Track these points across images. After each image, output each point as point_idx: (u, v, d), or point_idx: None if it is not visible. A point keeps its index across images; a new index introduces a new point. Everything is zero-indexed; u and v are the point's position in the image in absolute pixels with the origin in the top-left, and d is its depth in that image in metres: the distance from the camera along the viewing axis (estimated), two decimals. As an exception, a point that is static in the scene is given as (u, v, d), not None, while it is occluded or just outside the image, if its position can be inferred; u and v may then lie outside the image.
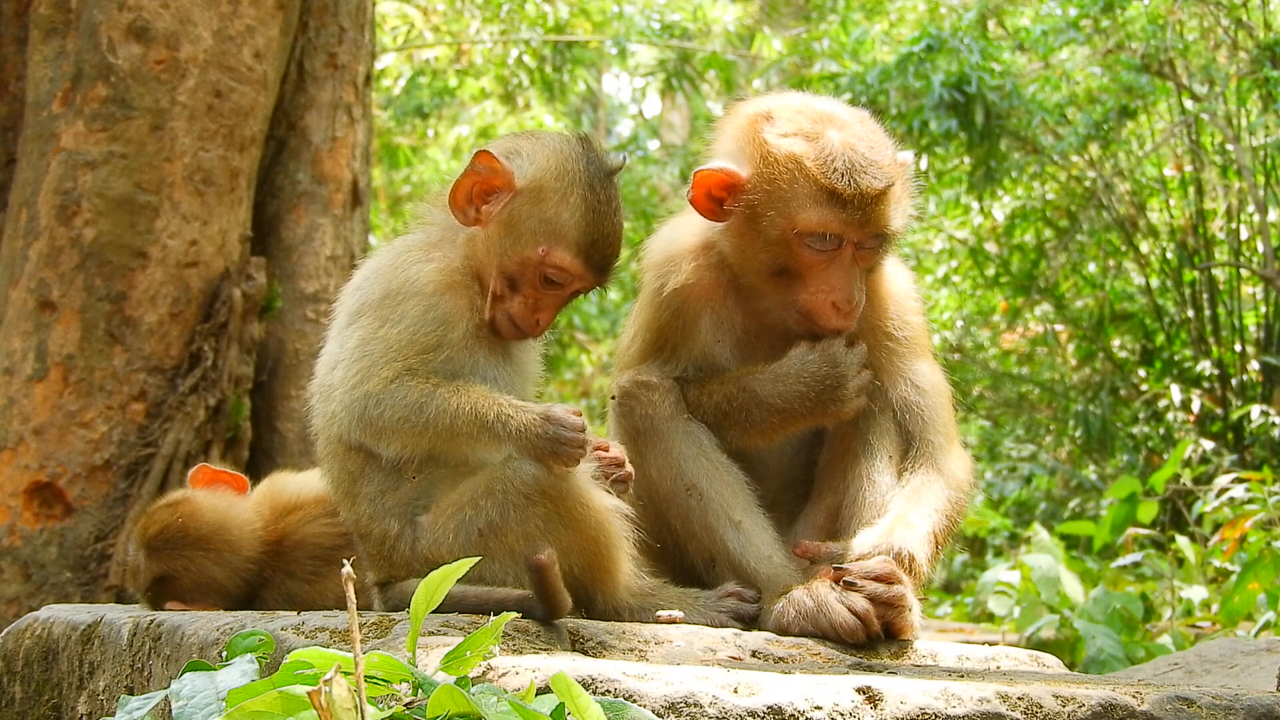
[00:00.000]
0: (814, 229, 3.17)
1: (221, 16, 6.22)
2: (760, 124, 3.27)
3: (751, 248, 3.25)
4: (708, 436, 3.30)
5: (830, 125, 3.23)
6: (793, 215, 3.17)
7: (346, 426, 2.98)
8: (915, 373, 3.39)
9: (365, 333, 3.01)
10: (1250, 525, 7.03)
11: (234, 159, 6.26)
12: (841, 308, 3.23)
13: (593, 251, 3.08)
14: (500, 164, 3.08)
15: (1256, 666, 3.90)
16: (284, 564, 3.51)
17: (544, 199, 3.07)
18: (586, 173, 3.09)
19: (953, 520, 3.28)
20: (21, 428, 5.87)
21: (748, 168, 3.24)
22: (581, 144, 3.15)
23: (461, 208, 3.11)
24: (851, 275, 3.22)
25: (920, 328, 3.47)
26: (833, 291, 3.22)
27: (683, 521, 3.27)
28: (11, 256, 6.11)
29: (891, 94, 11.33)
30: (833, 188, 3.15)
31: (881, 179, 3.19)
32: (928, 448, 3.34)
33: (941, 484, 3.29)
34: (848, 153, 3.17)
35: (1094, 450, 12.52)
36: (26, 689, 3.34)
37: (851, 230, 3.19)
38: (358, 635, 1.92)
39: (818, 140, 3.20)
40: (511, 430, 2.85)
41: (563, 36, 15.65)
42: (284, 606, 3.46)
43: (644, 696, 2.19)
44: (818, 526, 3.36)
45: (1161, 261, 12.57)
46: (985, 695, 2.29)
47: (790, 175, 3.18)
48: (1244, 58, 11.28)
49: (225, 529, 3.50)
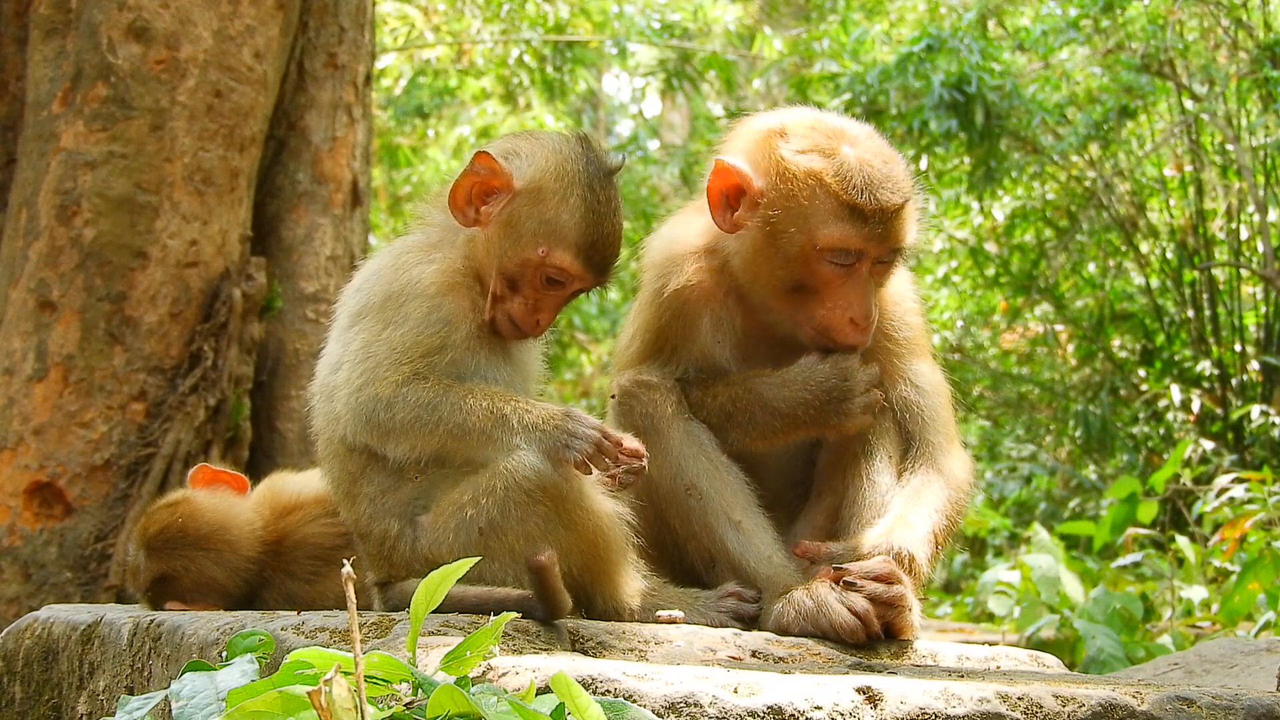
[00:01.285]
0: (836, 245, 3.18)
1: (221, 16, 6.22)
2: (774, 139, 3.27)
3: (769, 264, 3.25)
4: (708, 436, 3.30)
5: (844, 141, 3.25)
6: (813, 231, 3.18)
7: (352, 429, 2.97)
8: (915, 373, 3.40)
9: (369, 335, 3.01)
10: (1250, 525, 7.04)
11: (234, 159, 6.26)
12: (859, 323, 3.24)
13: (593, 252, 3.08)
14: (499, 165, 3.08)
15: (1256, 666, 3.90)
16: (284, 564, 3.51)
17: (543, 200, 3.07)
18: (586, 173, 3.09)
19: (952, 520, 3.29)
20: (21, 428, 5.87)
21: (762, 180, 3.23)
22: (581, 144, 3.15)
23: (461, 209, 3.11)
24: (868, 291, 3.24)
25: (919, 328, 3.47)
26: (850, 308, 3.22)
27: (682, 521, 3.27)
28: (11, 256, 6.11)
29: (891, 94, 11.33)
30: (854, 203, 3.16)
31: (900, 194, 3.21)
32: (927, 448, 3.34)
33: (941, 484, 3.30)
34: (865, 169, 3.19)
35: (1094, 450, 12.53)
36: (26, 689, 3.34)
37: (872, 245, 3.20)
38: (358, 635, 1.92)
39: (835, 157, 3.21)
40: (528, 423, 2.86)
41: (563, 36, 15.65)
42: (284, 606, 3.46)
43: (644, 696, 2.19)
44: (818, 526, 3.35)
45: (1161, 261, 12.57)
46: (985, 695, 2.29)
47: (810, 191, 3.18)
48: (1244, 58, 11.28)
49: (225, 529, 3.50)
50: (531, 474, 2.88)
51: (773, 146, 3.25)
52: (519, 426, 2.86)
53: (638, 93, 23.84)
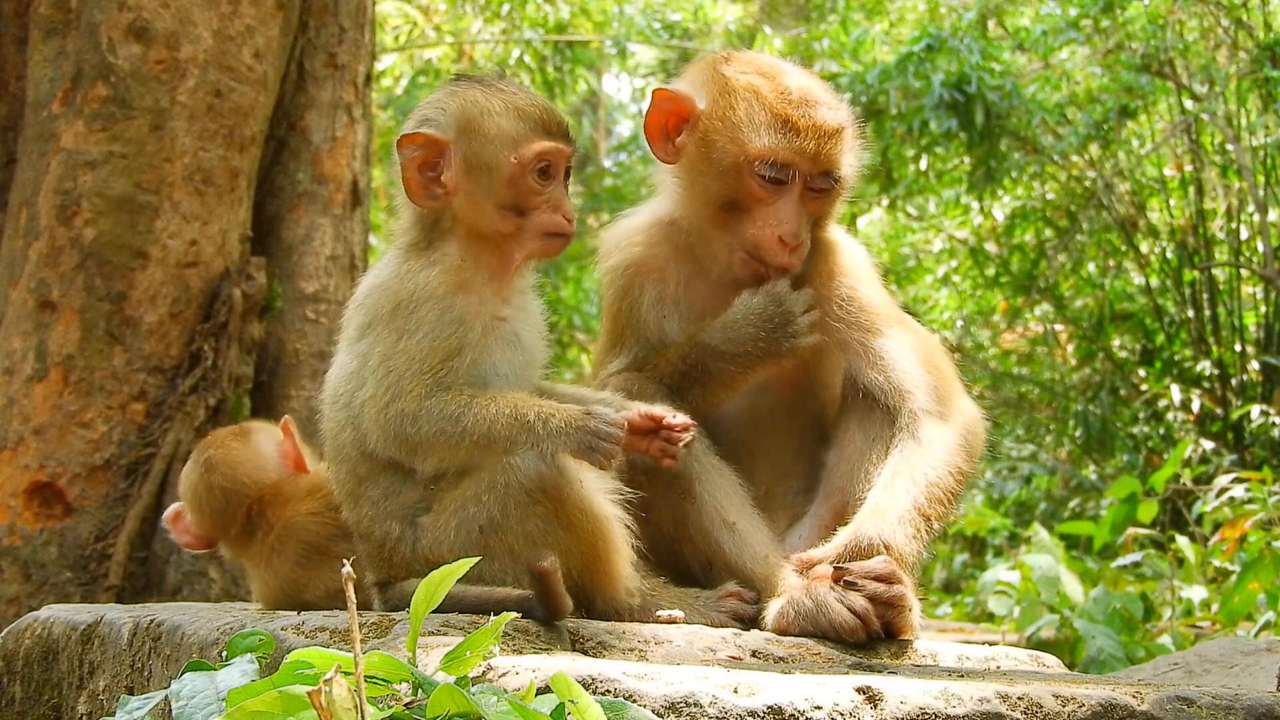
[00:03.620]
0: (765, 155, 3.20)
1: (221, 16, 6.22)
2: (719, 64, 3.35)
3: (702, 179, 3.28)
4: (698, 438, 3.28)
5: (787, 74, 3.33)
6: (746, 143, 3.21)
7: (381, 444, 2.97)
8: (879, 352, 3.33)
9: (386, 347, 2.99)
10: (1250, 525, 7.04)
11: (234, 159, 6.26)
12: (789, 241, 3.23)
13: (548, 123, 3.10)
14: (424, 135, 3.08)
15: (1256, 666, 3.90)
16: (278, 543, 3.51)
17: (482, 129, 3.07)
18: (488, 86, 3.13)
19: (940, 484, 3.20)
20: (21, 428, 5.87)
21: (704, 102, 3.30)
22: (464, 78, 3.20)
23: (420, 196, 3.11)
24: (799, 212, 3.24)
25: (878, 302, 3.40)
26: (780, 225, 3.22)
27: (677, 524, 3.24)
28: (11, 256, 6.11)
29: (891, 94, 11.34)
30: (788, 116, 3.20)
31: (835, 117, 3.26)
32: (908, 419, 3.29)
33: (921, 452, 3.23)
34: (804, 91, 3.26)
35: (1094, 450, 12.53)
36: (26, 689, 3.35)
37: (803, 161, 3.21)
38: (358, 635, 1.92)
39: (776, 78, 3.29)
40: (553, 428, 2.85)
41: (563, 36, 15.65)
42: (275, 584, 3.46)
43: (644, 696, 2.19)
44: (825, 525, 3.34)
45: (1161, 261, 12.58)
46: (985, 695, 2.29)
47: (747, 104, 3.24)
48: (1244, 58, 11.28)
49: (236, 464, 3.55)
50: (532, 473, 2.88)
51: (716, 69, 3.34)
52: (544, 433, 2.86)
53: (637, 93, 23.85)
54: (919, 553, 3.18)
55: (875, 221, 14.84)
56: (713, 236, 3.32)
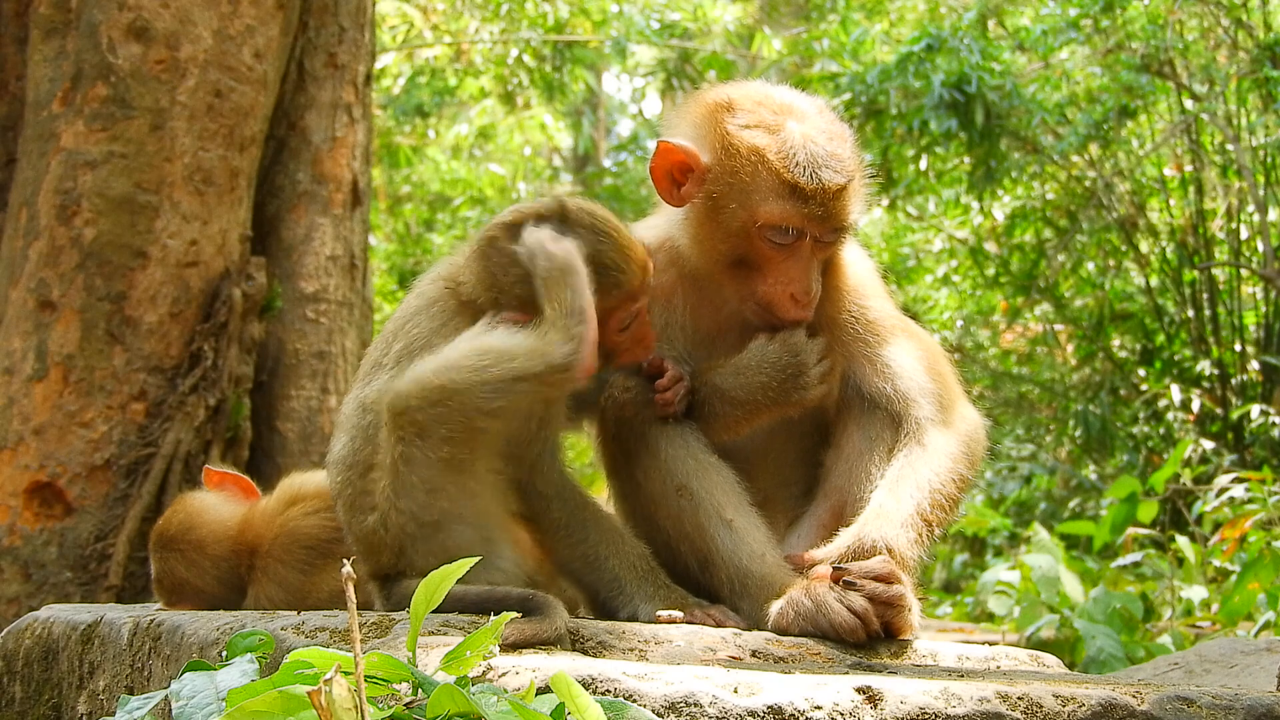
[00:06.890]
0: (775, 222, 3.18)
1: (221, 16, 6.22)
2: (721, 114, 3.26)
3: (711, 238, 3.26)
4: (695, 436, 3.27)
5: (790, 117, 3.24)
6: (754, 208, 3.18)
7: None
8: (886, 360, 3.34)
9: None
10: (1250, 525, 7.04)
11: (234, 159, 6.26)
12: (800, 299, 3.24)
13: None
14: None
15: (1256, 666, 3.90)
16: (277, 552, 3.51)
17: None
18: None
19: (943, 490, 3.22)
20: (21, 427, 5.87)
21: (708, 155, 3.24)
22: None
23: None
24: (810, 268, 3.24)
25: (883, 312, 3.42)
26: (791, 284, 3.22)
27: (674, 523, 3.24)
28: (11, 256, 6.11)
29: (891, 94, 11.33)
30: (795, 183, 3.16)
31: (843, 174, 3.20)
32: (913, 426, 3.30)
33: (925, 458, 3.25)
34: (809, 146, 3.18)
35: (1094, 450, 12.53)
36: (26, 689, 3.34)
37: (812, 225, 3.20)
38: (358, 635, 1.92)
39: (779, 133, 3.20)
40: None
41: (563, 36, 15.65)
42: (279, 593, 3.46)
43: (644, 696, 2.19)
44: (824, 526, 3.34)
45: (1161, 261, 12.57)
46: (985, 695, 2.29)
47: (753, 168, 3.18)
48: (1244, 58, 11.28)
49: (190, 530, 3.53)
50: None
51: (719, 121, 3.25)
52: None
53: (637, 93, 23.86)
54: (920, 557, 3.19)
55: (875, 221, 14.85)
56: (724, 283, 3.32)
